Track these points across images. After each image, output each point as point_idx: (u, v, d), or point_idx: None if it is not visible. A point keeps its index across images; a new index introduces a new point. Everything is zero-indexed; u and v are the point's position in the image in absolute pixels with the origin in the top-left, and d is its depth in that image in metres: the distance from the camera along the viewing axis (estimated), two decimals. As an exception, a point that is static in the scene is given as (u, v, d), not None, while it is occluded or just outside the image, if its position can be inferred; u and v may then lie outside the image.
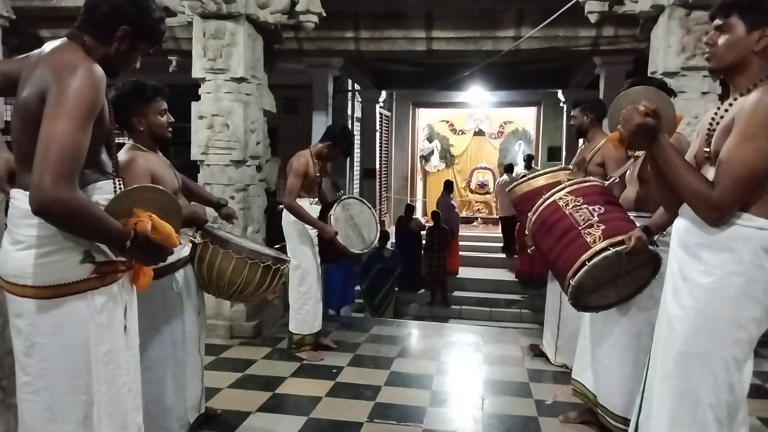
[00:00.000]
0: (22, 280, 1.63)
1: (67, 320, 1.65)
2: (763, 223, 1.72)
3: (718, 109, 1.84)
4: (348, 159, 10.05)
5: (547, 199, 2.65)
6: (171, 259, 2.48)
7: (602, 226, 2.47)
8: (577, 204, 2.57)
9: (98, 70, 1.62)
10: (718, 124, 1.80)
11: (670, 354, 1.86)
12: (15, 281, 1.64)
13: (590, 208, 2.53)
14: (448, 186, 10.84)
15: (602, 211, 2.52)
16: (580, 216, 2.53)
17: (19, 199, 1.63)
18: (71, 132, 1.52)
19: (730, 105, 1.79)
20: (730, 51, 1.79)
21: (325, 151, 4.19)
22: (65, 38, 1.71)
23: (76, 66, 1.58)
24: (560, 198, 2.62)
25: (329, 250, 4.18)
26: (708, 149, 1.83)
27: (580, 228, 2.51)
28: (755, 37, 1.75)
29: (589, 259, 2.42)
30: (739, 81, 1.80)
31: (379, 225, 4.44)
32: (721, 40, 1.80)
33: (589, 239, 2.47)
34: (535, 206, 2.73)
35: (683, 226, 1.88)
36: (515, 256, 10.59)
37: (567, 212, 2.56)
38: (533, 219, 2.73)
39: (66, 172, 1.50)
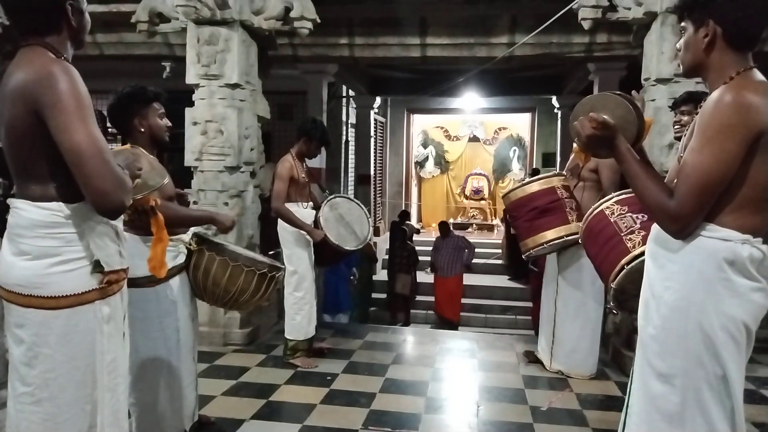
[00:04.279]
0: (29, 290, 1.62)
1: (76, 330, 1.65)
2: (727, 234, 1.60)
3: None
4: (343, 165, 10.07)
5: (596, 208, 2.75)
6: (167, 265, 2.49)
7: (643, 233, 2.54)
8: (622, 213, 2.67)
9: (69, 67, 1.63)
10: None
11: (650, 372, 1.74)
12: (19, 291, 1.63)
13: (634, 216, 2.62)
14: (444, 228, 8.96)
15: (645, 219, 2.59)
16: (624, 223, 2.64)
17: (25, 209, 1.63)
18: (91, 134, 1.57)
19: (701, 107, 1.71)
20: (686, 53, 1.75)
21: (304, 147, 4.22)
22: (29, 45, 1.67)
23: (53, 71, 1.58)
24: (607, 207, 2.72)
25: (324, 251, 4.17)
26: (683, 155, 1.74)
27: (622, 234, 2.61)
28: (701, 35, 1.68)
29: (628, 263, 2.50)
30: (710, 82, 1.71)
31: (370, 220, 4.44)
32: (680, 43, 1.77)
33: (629, 245, 2.56)
34: (585, 215, 2.84)
35: (653, 236, 1.78)
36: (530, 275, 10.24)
37: (612, 220, 2.67)
38: (583, 227, 2.84)
39: (110, 173, 1.58)
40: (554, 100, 10.75)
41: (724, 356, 1.62)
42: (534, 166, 12.08)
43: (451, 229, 9.04)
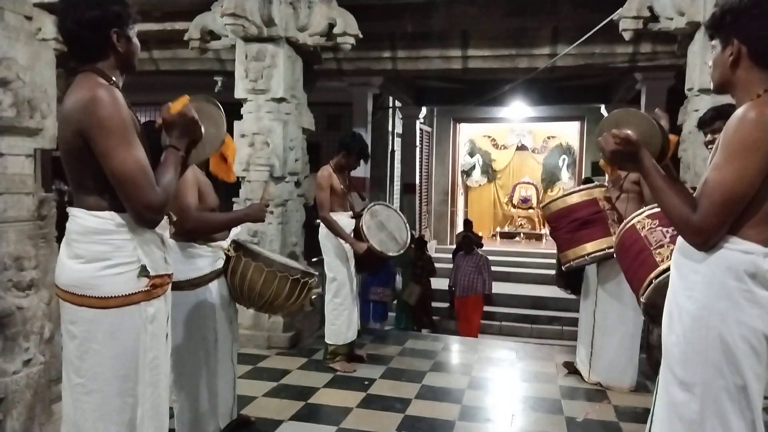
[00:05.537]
0: (81, 290, 1.79)
1: (122, 329, 1.80)
2: (749, 247, 1.64)
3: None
4: (389, 174, 10.20)
5: (628, 223, 2.77)
6: (205, 270, 2.65)
7: (672, 246, 2.54)
8: (653, 227, 2.67)
9: (112, 90, 1.77)
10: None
11: (672, 380, 1.79)
12: (74, 291, 1.80)
13: (664, 229, 2.62)
14: (468, 243, 8.25)
15: (674, 233, 2.60)
16: (654, 237, 2.64)
17: (81, 217, 1.81)
18: (130, 157, 1.73)
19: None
20: (715, 71, 1.79)
21: (343, 161, 4.34)
22: (83, 72, 1.84)
23: (96, 96, 1.73)
24: (638, 221, 2.73)
25: (367, 258, 4.27)
26: None
27: (651, 248, 2.61)
28: (727, 53, 1.73)
29: (656, 277, 2.50)
30: (737, 99, 1.76)
31: (408, 225, 4.52)
32: (710, 61, 1.82)
33: (658, 258, 2.56)
34: (618, 230, 2.86)
35: (678, 246, 1.84)
36: None
37: (643, 234, 2.67)
38: (616, 242, 2.86)
39: (145, 195, 1.74)
40: (603, 109, 10.59)
41: (744, 366, 1.66)
42: (585, 176, 11.90)
43: (475, 246, 8.34)
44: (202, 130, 1.97)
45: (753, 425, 1.68)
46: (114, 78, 1.86)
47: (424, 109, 11.51)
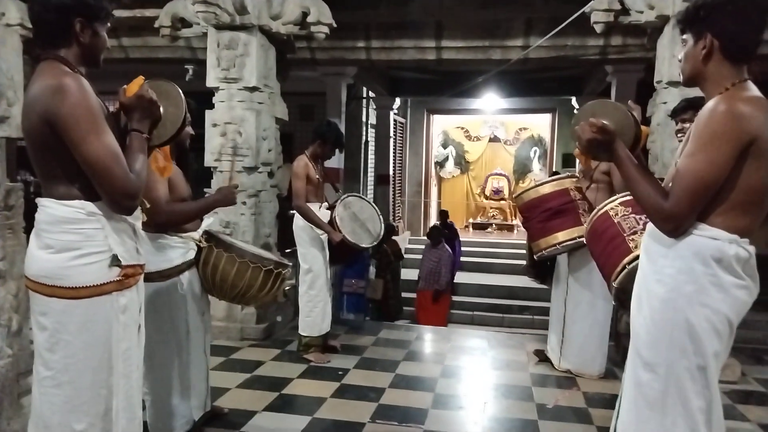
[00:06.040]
0: (52, 281, 1.76)
1: (94, 319, 1.77)
2: (716, 233, 1.72)
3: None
4: (363, 165, 10.19)
5: (601, 209, 2.80)
6: (176, 262, 2.62)
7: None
8: (626, 214, 2.71)
9: (77, 77, 1.74)
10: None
11: (638, 362, 1.86)
12: (44, 281, 1.77)
13: (637, 217, 2.66)
14: (436, 235, 8.30)
15: (648, 220, 2.66)
16: (627, 224, 2.68)
17: (51, 206, 1.78)
18: (102, 145, 1.70)
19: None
20: (686, 64, 1.84)
21: (319, 150, 4.33)
22: (47, 60, 1.80)
23: (62, 84, 1.69)
24: (611, 208, 2.77)
25: (340, 249, 4.27)
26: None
27: (625, 235, 2.66)
28: (700, 47, 1.78)
29: (629, 263, 2.55)
30: (707, 92, 1.81)
31: (381, 218, 4.53)
32: (681, 54, 1.87)
33: (631, 245, 2.60)
34: (590, 216, 2.89)
35: (648, 231, 1.90)
36: None
37: (616, 221, 2.71)
38: (587, 228, 2.89)
39: (120, 181, 1.73)
40: (574, 101, 10.74)
41: (706, 347, 1.74)
42: (554, 169, 12.05)
43: (443, 239, 8.33)
44: (161, 109, 1.94)
45: (710, 404, 1.78)
46: (78, 68, 1.82)
47: (397, 100, 11.52)
